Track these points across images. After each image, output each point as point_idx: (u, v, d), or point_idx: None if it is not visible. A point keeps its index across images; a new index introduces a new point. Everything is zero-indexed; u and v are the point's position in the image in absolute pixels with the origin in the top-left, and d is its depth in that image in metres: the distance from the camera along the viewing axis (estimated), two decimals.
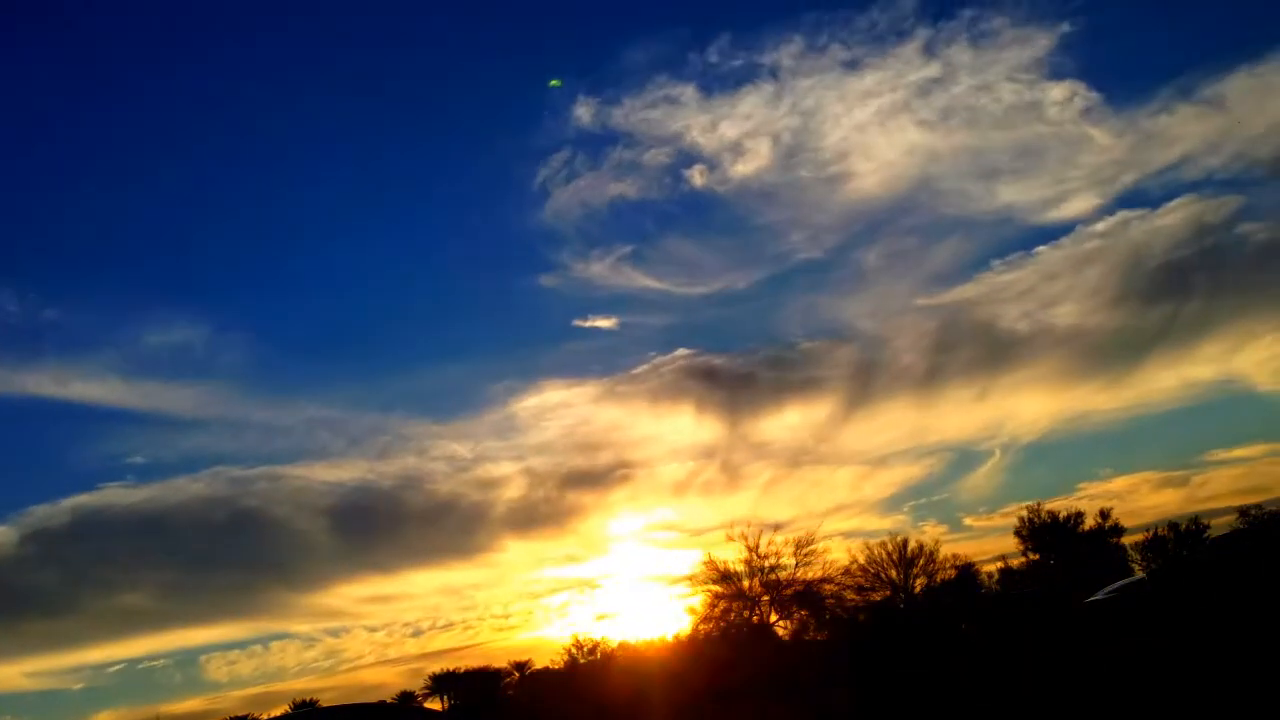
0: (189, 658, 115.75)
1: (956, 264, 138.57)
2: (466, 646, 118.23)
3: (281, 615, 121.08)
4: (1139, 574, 52.98)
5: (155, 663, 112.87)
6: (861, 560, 50.49)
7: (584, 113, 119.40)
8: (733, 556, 43.59)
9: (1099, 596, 32.05)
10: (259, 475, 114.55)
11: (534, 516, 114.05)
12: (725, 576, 43.42)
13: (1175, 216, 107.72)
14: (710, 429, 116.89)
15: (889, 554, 52.12)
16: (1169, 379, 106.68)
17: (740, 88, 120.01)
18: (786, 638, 43.93)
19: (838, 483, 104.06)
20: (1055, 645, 27.62)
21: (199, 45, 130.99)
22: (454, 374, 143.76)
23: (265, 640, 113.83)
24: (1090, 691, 19.52)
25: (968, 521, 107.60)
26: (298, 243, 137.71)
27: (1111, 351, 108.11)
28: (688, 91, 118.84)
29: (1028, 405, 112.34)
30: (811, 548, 42.95)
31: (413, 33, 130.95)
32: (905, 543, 52.52)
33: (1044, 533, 61.85)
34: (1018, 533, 62.60)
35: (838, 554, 45.60)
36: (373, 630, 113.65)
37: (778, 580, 42.82)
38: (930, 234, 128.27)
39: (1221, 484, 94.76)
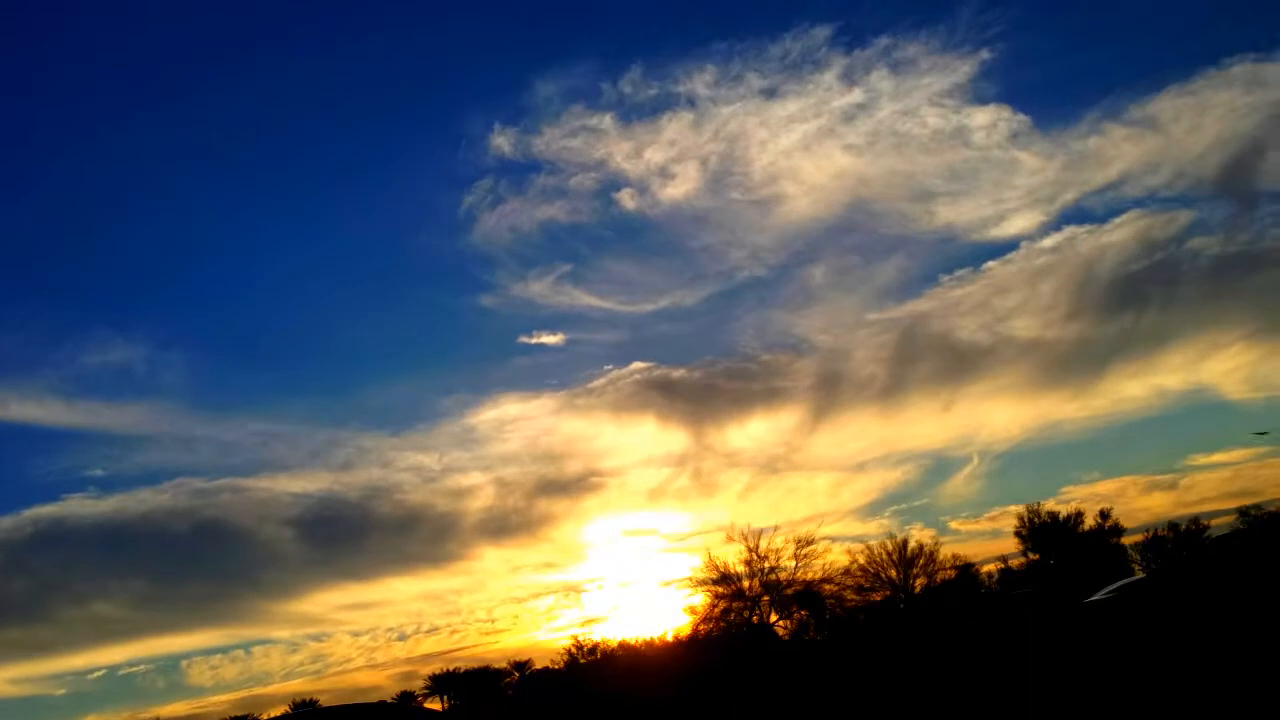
0: (170, 663, 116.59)
1: (904, 280, 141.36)
2: (454, 650, 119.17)
3: (259, 622, 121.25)
4: (1139, 574, 53.03)
5: (136, 669, 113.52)
6: (861, 560, 50.51)
7: (503, 142, 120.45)
8: (733, 557, 43.67)
9: (1098, 597, 32.05)
10: (221, 487, 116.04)
11: (508, 524, 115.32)
12: (725, 577, 43.48)
13: (1124, 232, 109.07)
14: (677, 438, 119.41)
15: (889, 554, 52.11)
16: (1138, 388, 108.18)
17: (659, 115, 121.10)
18: (786, 638, 43.98)
19: (815, 489, 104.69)
20: (1055, 645, 27.62)
21: (137, 64, 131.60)
22: (401, 389, 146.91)
23: (246, 645, 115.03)
24: (1090, 692, 19.54)
25: (954, 525, 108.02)
26: (231, 264, 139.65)
27: (1074, 362, 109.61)
28: (606, 120, 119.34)
29: (997, 414, 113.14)
30: (811, 547, 43.03)
31: (334, 67, 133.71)
32: (905, 543, 52.53)
33: (1044, 533, 61.82)
34: (1017, 533, 62.62)
35: (837, 555, 45.73)
36: (356, 635, 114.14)
37: (778, 580, 42.88)
38: (873, 252, 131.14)
39: (1210, 487, 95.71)
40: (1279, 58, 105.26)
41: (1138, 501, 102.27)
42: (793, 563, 42.77)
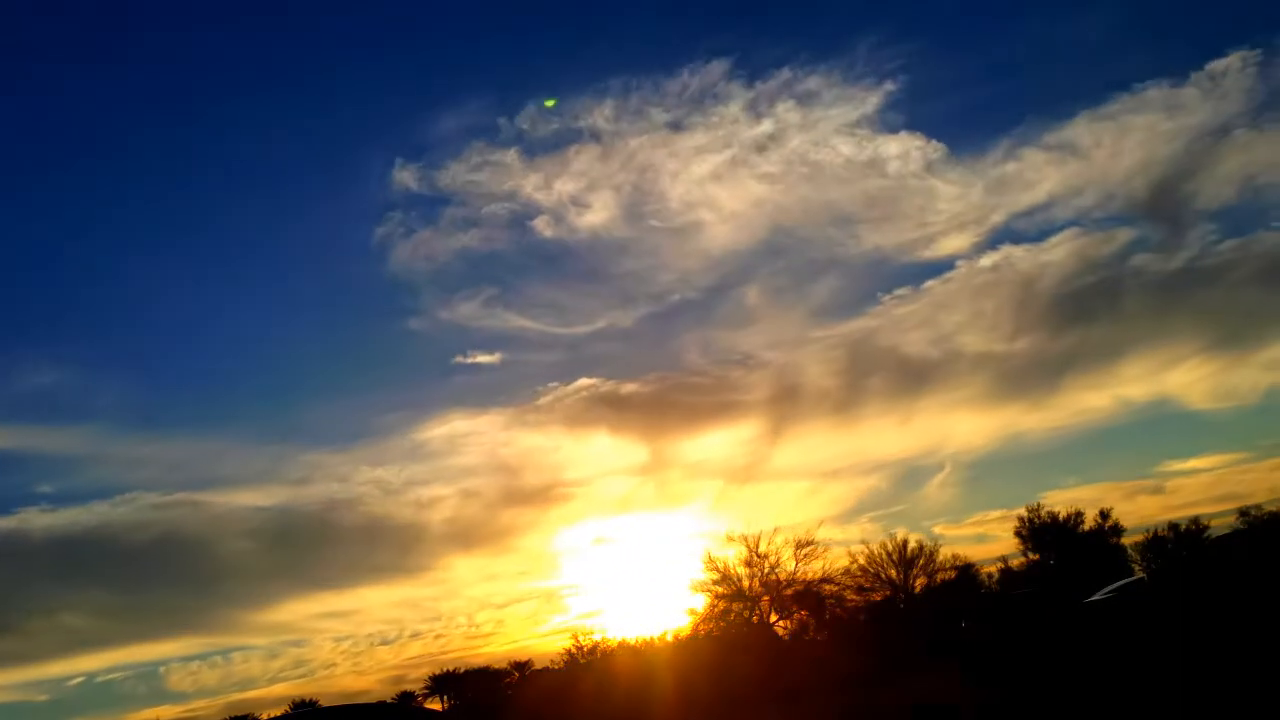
0: (148, 670, 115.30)
1: (844, 298, 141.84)
2: (441, 654, 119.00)
3: (232, 630, 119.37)
4: (1139, 574, 53.02)
5: (114, 675, 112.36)
6: (861, 560, 50.50)
7: (406, 177, 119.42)
8: (733, 557, 43.69)
9: (1098, 597, 32.08)
10: (177, 501, 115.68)
11: (476, 534, 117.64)
12: (725, 577, 43.51)
13: (1063, 250, 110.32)
14: (638, 450, 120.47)
15: (889, 554, 52.09)
16: (1101, 399, 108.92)
17: (565, 148, 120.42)
18: (786, 638, 44.00)
19: (787, 496, 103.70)
20: (1055, 645, 27.65)
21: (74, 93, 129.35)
22: (342, 408, 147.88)
23: (224, 652, 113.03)
24: (1090, 692, 19.54)
25: (937, 530, 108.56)
26: (159, 285, 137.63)
27: (1030, 375, 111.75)
28: (509, 155, 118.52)
29: (959, 425, 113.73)
30: (811, 547, 43.05)
31: (245, 109, 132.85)
32: (905, 543, 52.50)
33: (1044, 533, 61.78)
34: (1018, 533, 62.59)
35: (837, 555, 45.74)
36: (338, 640, 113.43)
37: (778, 580, 42.89)
38: (804, 273, 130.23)
39: (1195, 491, 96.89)
40: (1196, 83, 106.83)
41: (1122, 506, 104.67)
42: (793, 563, 42.82)
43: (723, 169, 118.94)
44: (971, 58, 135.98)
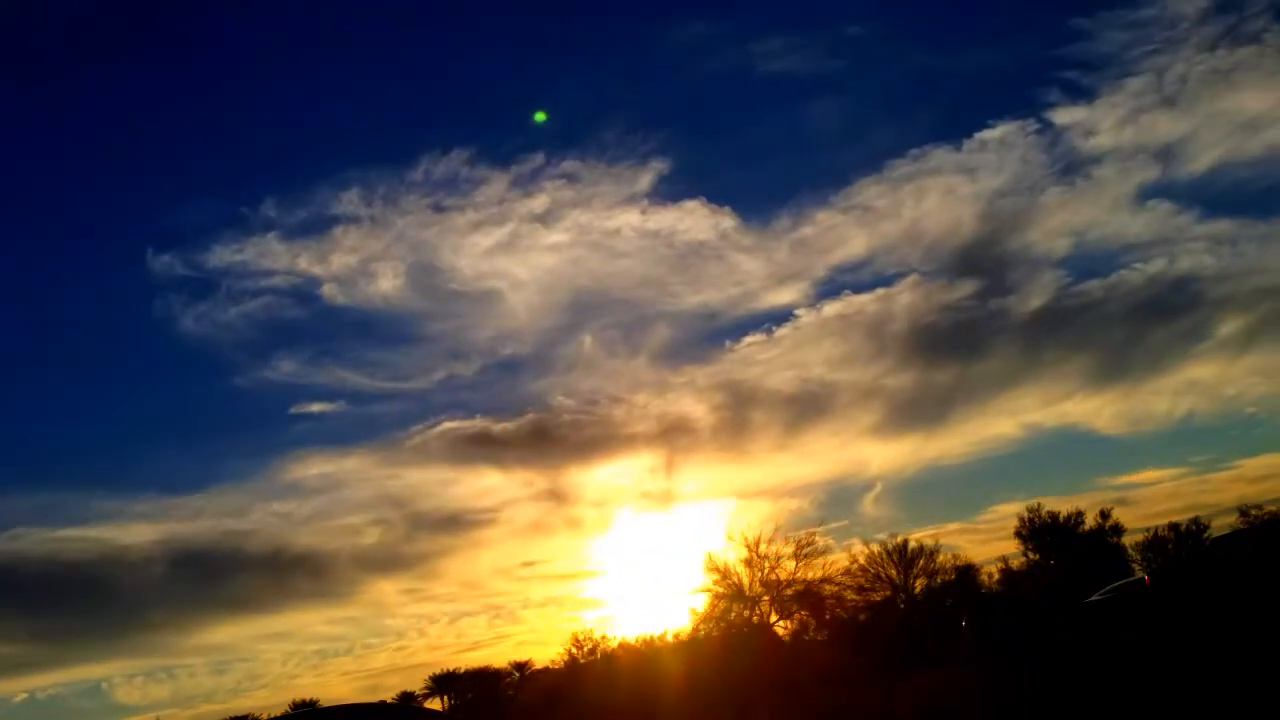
0: (90, 687, 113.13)
1: (687, 347, 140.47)
2: (407, 664, 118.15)
3: (162, 653, 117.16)
4: (1139, 574, 53.00)
5: (55, 692, 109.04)
6: (861, 560, 50.67)
7: (166, 262, 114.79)
8: (732, 557, 43.77)
9: (1097, 597, 32.05)
10: (58, 537, 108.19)
11: (397, 560, 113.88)
12: (725, 577, 43.60)
13: (910, 296, 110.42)
14: (539, 479, 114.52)
15: (889, 554, 52.27)
16: (1008, 425, 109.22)
17: (330, 229, 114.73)
18: (786, 638, 44.08)
19: (709, 517, 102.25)
20: (1054, 645, 27.65)
21: None
22: (194, 454, 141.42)
23: (169, 669, 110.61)
24: (1089, 692, 19.57)
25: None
26: None
27: (921, 406, 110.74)
28: (269, 238, 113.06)
29: (870, 451, 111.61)
30: (811, 547, 43.15)
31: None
32: (905, 543, 52.72)
33: (1044, 533, 61.90)
34: (1017, 533, 62.74)
35: (837, 555, 45.84)
36: (288, 654, 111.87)
37: (778, 580, 42.96)
38: (633, 328, 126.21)
39: (1155, 504, 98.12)
40: (969, 150, 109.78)
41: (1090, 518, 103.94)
42: (793, 564, 42.88)
43: (504, 244, 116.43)
44: (726, 140, 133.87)
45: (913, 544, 53.51)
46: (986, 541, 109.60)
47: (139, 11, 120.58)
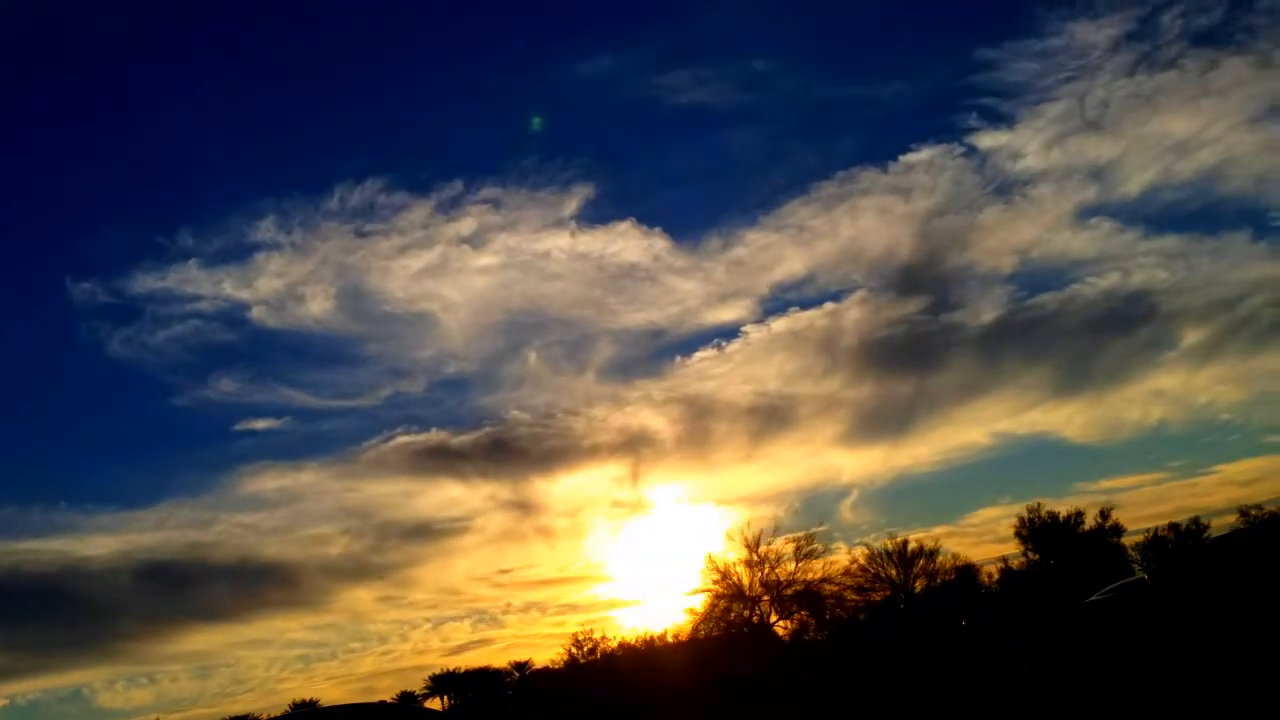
0: (71, 692, 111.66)
1: (634, 362, 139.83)
2: (395, 670, 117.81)
3: (141, 660, 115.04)
4: (1139, 574, 52.97)
5: (36, 697, 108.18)
6: (861, 560, 50.63)
7: (88, 289, 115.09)
8: (733, 557, 43.77)
9: (1096, 597, 32.04)
10: (18, 549, 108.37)
11: (369, 569, 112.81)
12: (725, 577, 43.59)
13: (859, 311, 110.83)
14: (505, 489, 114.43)
15: (889, 554, 52.22)
16: (978, 434, 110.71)
17: (252, 255, 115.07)
18: (786, 638, 44.06)
19: (682, 523, 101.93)
20: (1054, 645, 27.65)
21: None
22: (130, 469, 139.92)
23: (150, 674, 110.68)
24: (1089, 692, 19.56)
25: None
26: None
27: (891, 414, 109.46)
28: (189, 265, 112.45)
29: (840, 459, 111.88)
30: (811, 547, 43.14)
31: None
32: (905, 543, 52.66)
33: (1044, 533, 61.84)
34: (1018, 533, 62.69)
35: (837, 555, 45.84)
36: (271, 660, 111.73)
37: (778, 580, 42.95)
38: (576, 345, 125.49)
39: (1140, 507, 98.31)
40: (900, 166, 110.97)
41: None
42: (793, 564, 42.87)
43: (437, 263, 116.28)
44: (648, 165, 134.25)
45: (912, 544, 53.49)
46: (975, 544, 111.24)
47: (47, 44, 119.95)
